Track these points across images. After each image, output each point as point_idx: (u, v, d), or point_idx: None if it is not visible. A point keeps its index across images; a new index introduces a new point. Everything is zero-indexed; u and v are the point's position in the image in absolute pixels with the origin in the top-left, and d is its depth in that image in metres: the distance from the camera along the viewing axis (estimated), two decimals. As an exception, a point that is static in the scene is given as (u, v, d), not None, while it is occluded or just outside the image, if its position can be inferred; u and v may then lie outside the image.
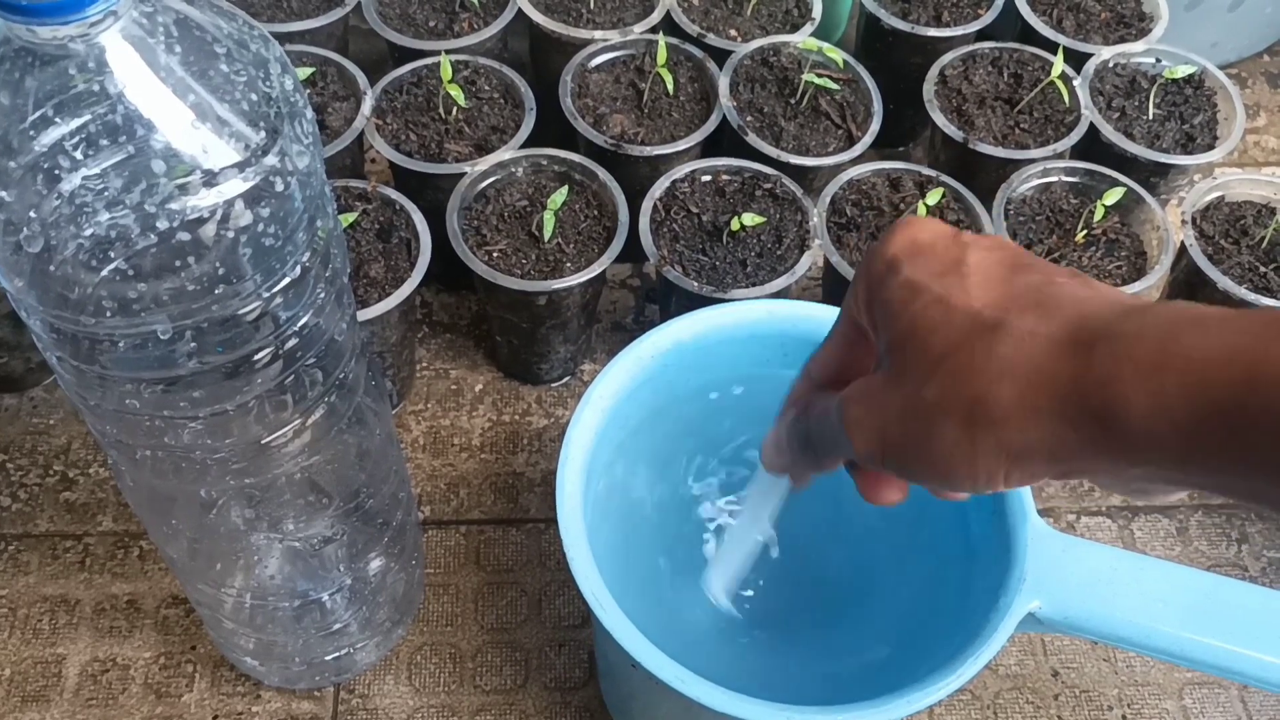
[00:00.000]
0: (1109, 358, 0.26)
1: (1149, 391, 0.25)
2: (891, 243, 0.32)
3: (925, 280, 0.31)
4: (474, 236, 0.64)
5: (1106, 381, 0.26)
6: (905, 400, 0.30)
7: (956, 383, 0.29)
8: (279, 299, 0.36)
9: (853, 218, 0.67)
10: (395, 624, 0.59)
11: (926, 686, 0.42)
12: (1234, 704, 0.60)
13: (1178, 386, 0.25)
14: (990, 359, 0.28)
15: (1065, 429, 0.27)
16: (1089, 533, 0.66)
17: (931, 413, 0.29)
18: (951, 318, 0.29)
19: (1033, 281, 0.29)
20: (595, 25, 0.74)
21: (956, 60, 0.74)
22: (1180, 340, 0.25)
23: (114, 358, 0.35)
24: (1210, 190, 0.68)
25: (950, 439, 0.29)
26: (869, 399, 0.32)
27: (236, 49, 0.33)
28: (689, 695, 0.41)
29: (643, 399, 0.51)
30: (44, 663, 0.59)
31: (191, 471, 0.42)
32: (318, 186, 0.36)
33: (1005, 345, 0.28)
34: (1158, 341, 0.25)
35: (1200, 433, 0.25)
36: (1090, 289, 0.29)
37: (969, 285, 0.30)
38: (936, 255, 0.31)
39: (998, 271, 0.30)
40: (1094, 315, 0.27)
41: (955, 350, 0.29)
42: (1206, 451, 0.25)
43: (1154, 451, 0.26)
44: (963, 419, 0.29)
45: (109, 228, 0.31)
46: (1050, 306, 0.28)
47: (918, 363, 0.30)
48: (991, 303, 0.29)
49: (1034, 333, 0.28)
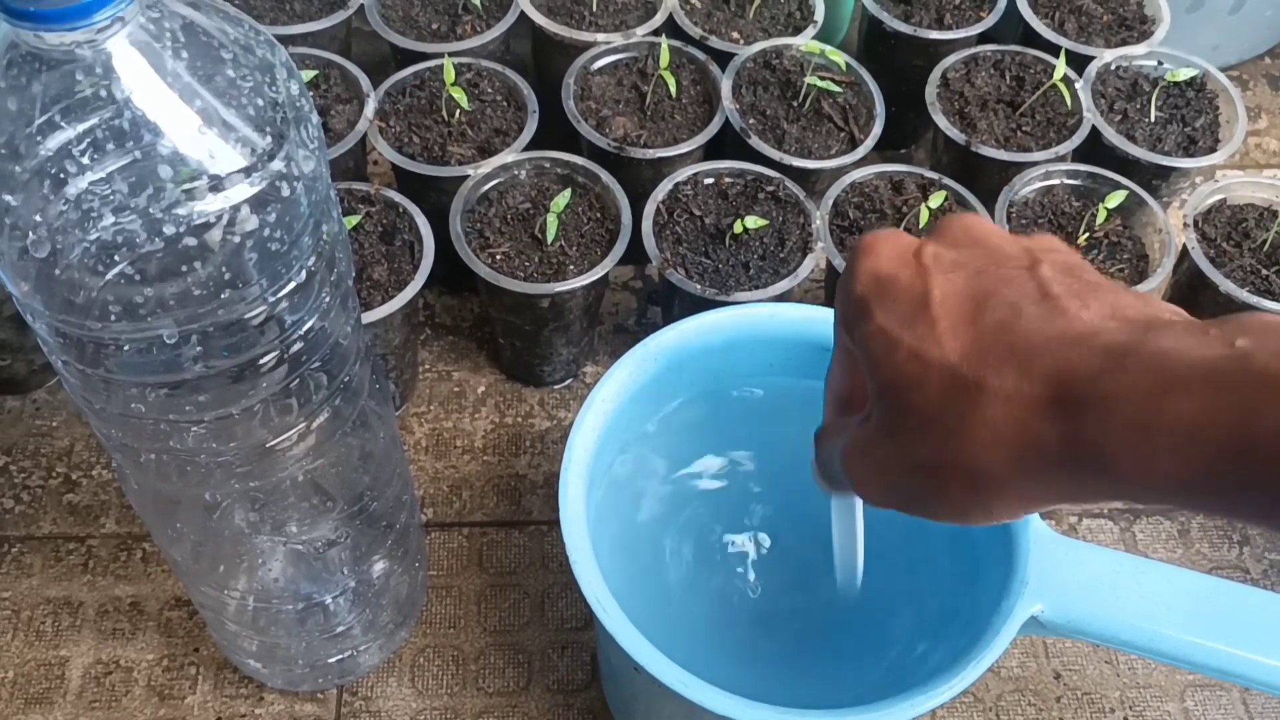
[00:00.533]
0: (1096, 421, 0.26)
1: (1140, 455, 0.25)
2: (857, 280, 0.32)
3: (896, 330, 0.30)
4: (477, 239, 0.64)
5: (1097, 444, 0.26)
6: (903, 458, 0.31)
7: (949, 449, 0.29)
8: (284, 303, 0.36)
9: (855, 220, 0.67)
10: (398, 626, 0.59)
11: (929, 689, 0.42)
12: (1235, 706, 0.60)
13: (1169, 452, 0.25)
14: (981, 426, 0.28)
15: (1066, 481, 0.28)
16: (1091, 535, 0.66)
17: (932, 474, 0.30)
18: (930, 375, 0.29)
19: (1000, 318, 0.29)
20: (598, 28, 0.74)
21: (958, 63, 0.74)
22: (1165, 406, 0.25)
23: (119, 362, 0.35)
24: (1212, 193, 0.69)
25: (958, 495, 0.30)
26: (868, 454, 0.32)
27: (242, 54, 0.33)
28: (691, 699, 0.41)
29: (646, 401, 0.51)
30: (47, 665, 0.59)
31: (196, 475, 0.42)
32: (323, 190, 0.36)
33: (990, 410, 0.28)
34: (1143, 405, 0.25)
35: (1196, 488, 0.25)
36: (1060, 318, 0.28)
37: (939, 333, 0.29)
38: (901, 293, 0.31)
39: (964, 308, 0.30)
40: (1074, 368, 0.27)
41: (941, 414, 0.29)
42: (1205, 501, 0.26)
43: (1154, 498, 0.26)
44: (965, 481, 0.29)
45: (115, 232, 0.31)
46: (1025, 357, 0.28)
47: (906, 421, 0.30)
48: (965, 355, 0.29)
49: (1017, 394, 0.28)
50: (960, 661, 0.42)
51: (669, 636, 0.44)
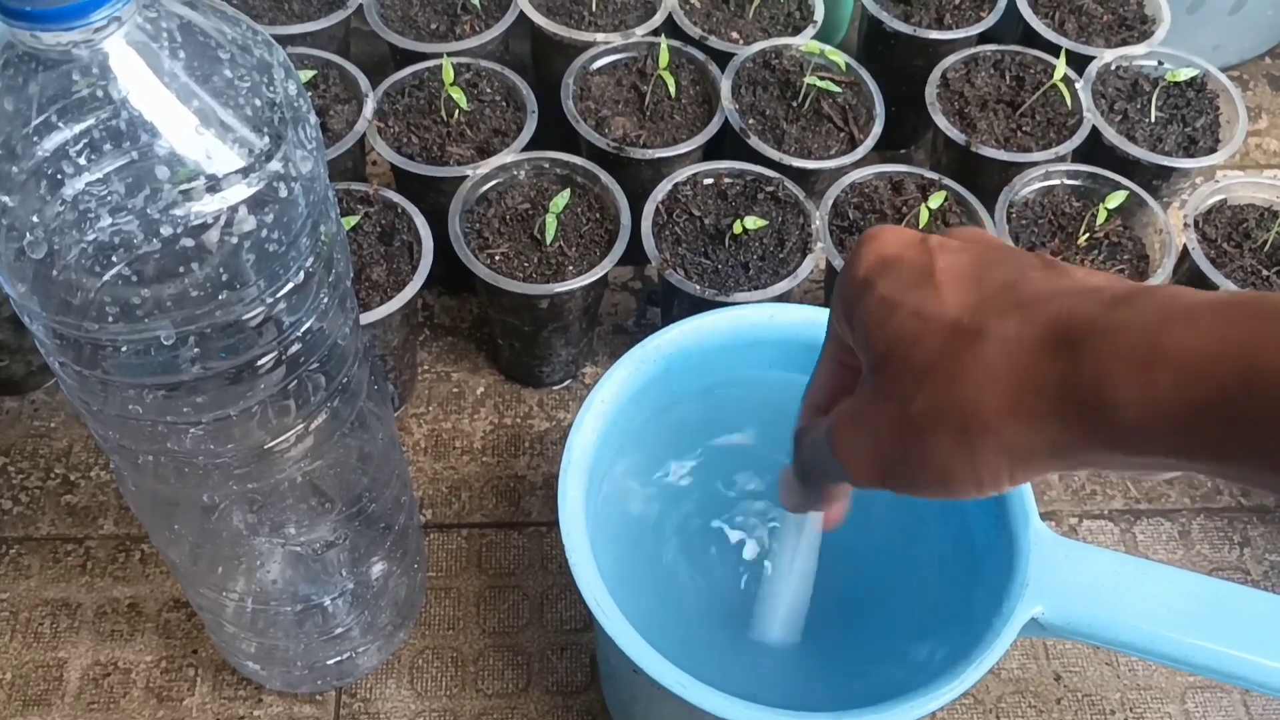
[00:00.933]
0: (1097, 355, 0.25)
1: (1141, 387, 0.25)
2: (861, 261, 0.32)
3: (899, 295, 0.30)
4: (476, 239, 0.64)
5: (1097, 379, 0.25)
6: (895, 417, 0.30)
7: (945, 393, 0.28)
8: (282, 304, 0.36)
9: (855, 221, 0.67)
10: (397, 628, 0.59)
11: (930, 691, 0.42)
12: (1236, 708, 0.60)
13: (1171, 383, 0.24)
14: (977, 366, 0.28)
15: (1061, 428, 0.27)
16: (1091, 536, 0.66)
17: (924, 426, 0.29)
18: (930, 328, 0.29)
19: (1006, 279, 0.29)
20: (597, 28, 0.74)
21: (958, 63, 0.74)
22: (1170, 334, 0.24)
23: (117, 363, 0.35)
24: (1212, 193, 0.68)
25: (947, 450, 0.29)
26: (857, 421, 0.31)
27: (240, 54, 0.33)
28: (691, 701, 0.41)
29: (645, 402, 0.51)
30: (45, 666, 0.59)
31: (194, 476, 0.42)
32: (321, 191, 0.36)
33: (990, 351, 0.27)
34: (1146, 336, 0.25)
35: (1196, 426, 0.24)
36: (1066, 277, 0.28)
37: (943, 293, 0.29)
38: (906, 267, 0.31)
39: (968, 273, 0.30)
40: (1077, 310, 0.27)
41: (939, 361, 0.28)
42: (1204, 443, 0.25)
43: (1152, 443, 0.25)
44: (957, 429, 0.28)
45: (112, 233, 0.31)
46: (1029, 305, 0.28)
47: (902, 378, 0.29)
48: (968, 307, 0.29)
49: (1018, 335, 0.27)
50: (961, 663, 0.42)
51: (668, 638, 0.44)
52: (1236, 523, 0.67)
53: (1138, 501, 0.67)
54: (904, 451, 0.30)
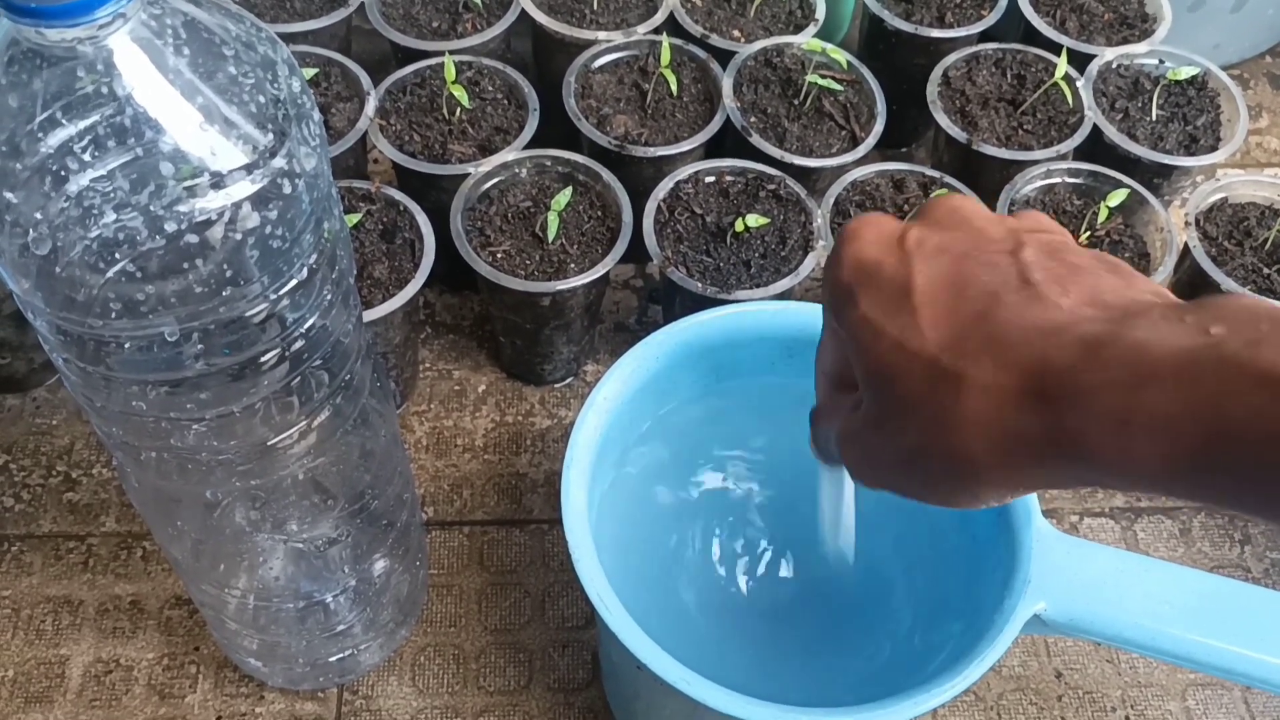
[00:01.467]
0: (1074, 415, 0.27)
1: (1118, 447, 0.26)
2: (841, 265, 0.33)
3: (880, 320, 0.31)
4: (478, 237, 0.64)
5: (1077, 436, 0.27)
6: (892, 447, 0.31)
7: (933, 437, 0.30)
8: (286, 301, 0.36)
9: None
10: (399, 625, 0.59)
11: (931, 688, 0.42)
12: (1237, 705, 0.60)
13: (1145, 441, 0.25)
14: (959, 415, 0.29)
15: (1047, 470, 0.28)
16: (1092, 534, 0.66)
17: (919, 460, 0.31)
18: (912, 366, 0.30)
19: (980, 307, 0.30)
20: (599, 26, 0.74)
21: (960, 61, 0.74)
22: (1141, 398, 0.25)
23: (120, 359, 0.35)
24: (1213, 192, 0.68)
25: (944, 482, 0.30)
26: (859, 442, 0.33)
27: (244, 51, 0.33)
28: (694, 697, 0.41)
29: (646, 400, 0.51)
30: (47, 663, 0.59)
31: (197, 473, 0.42)
32: (324, 188, 0.36)
33: (970, 401, 0.29)
34: (1119, 398, 0.26)
35: (1173, 477, 0.26)
36: (1037, 305, 0.29)
37: (921, 324, 0.30)
38: (885, 281, 0.32)
39: (944, 297, 0.30)
40: (1050, 361, 0.27)
41: (923, 403, 0.30)
42: (1182, 490, 0.26)
43: (1134, 487, 0.27)
44: (950, 468, 0.30)
45: (116, 229, 0.31)
46: (1003, 348, 0.28)
47: (892, 411, 0.31)
48: (945, 345, 0.29)
49: (995, 384, 0.28)
50: (962, 660, 0.42)
51: (671, 634, 0.44)
52: (1237, 520, 0.67)
53: (1139, 499, 0.67)
54: (902, 478, 0.32)
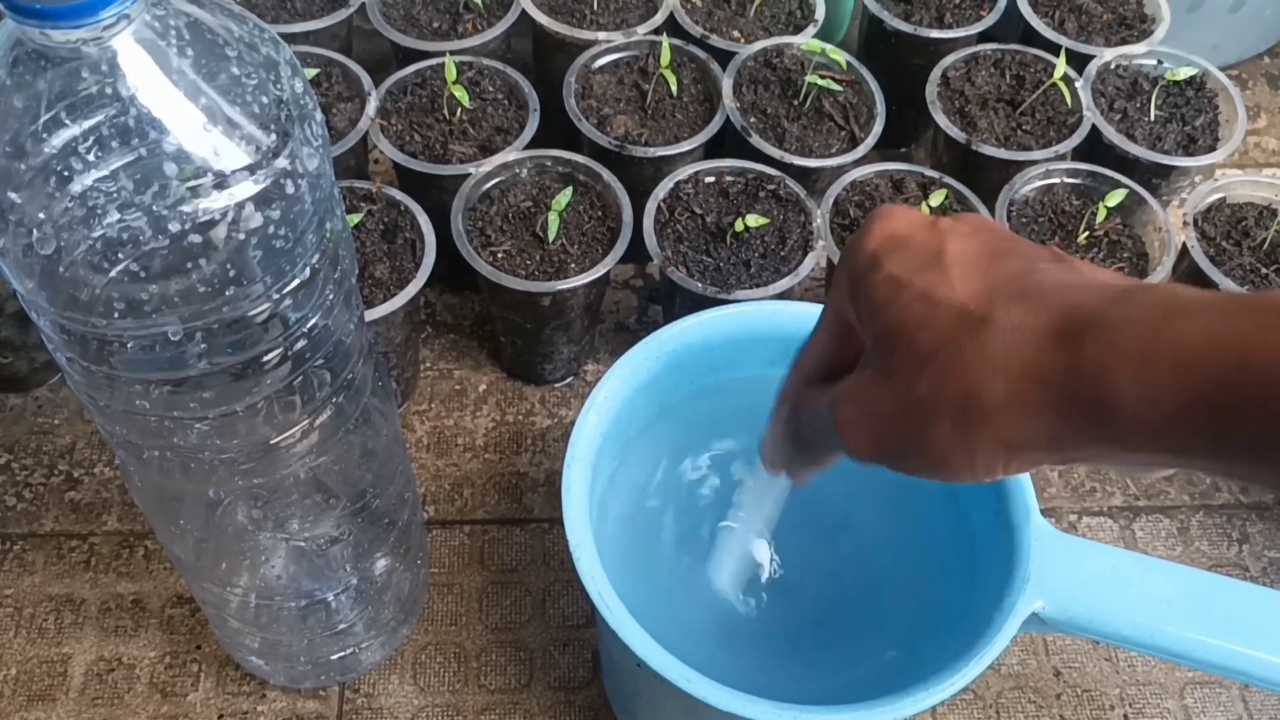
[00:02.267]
0: (1098, 348, 0.26)
1: (1139, 381, 0.25)
2: (870, 237, 0.32)
3: (907, 275, 0.30)
4: (478, 237, 0.64)
5: (1097, 372, 0.26)
6: (897, 398, 0.30)
7: (947, 379, 0.29)
8: (288, 300, 0.36)
9: (856, 219, 0.67)
10: (400, 623, 0.59)
11: (930, 686, 0.42)
12: (1235, 703, 0.60)
13: (1167, 376, 0.25)
14: (980, 354, 0.28)
15: (1059, 420, 0.27)
16: (1090, 533, 0.66)
17: (924, 409, 0.29)
18: (937, 313, 0.29)
19: (1014, 269, 0.29)
20: (599, 26, 0.74)
21: (959, 62, 0.74)
22: (1168, 329, 0.25)
23: (123, 359, 0.35)
24: (1212, 192, 0.69)
25: (945, 434, 0.29)
26: (860, 398, 0.32)
27: (247, 52, 0.33)
28: (694, 694, 0.41)
29: (647, 399, 0.52)
30: (49, 662, 0.59)
31: (199, 471, 0.42)
32: (327, 188, 0.37)
33: (994, 340, 0.28)
34: (1146, 330, 0.25)
35: (1191, 420, 0.25)
36: (1074, 273, 0.29)
37: (951, 278, 0.30)
38: (916, 247, 0.31)
39: (978, 261, 0.30)
40: (1080, 304, 0.27)
41: (943, 346, 0.29)
42: (1198, 438, 0.25)
43: (1147, 438, 0.26)
44: (956, 415, 0.29)
45: (120, 229, 0.31)
46: (1035, 296, 0.28)
47: (906, 359, 0.30)
48: (976, 295, 0.29)
49: (1022, 325, 0.28)
50: (961, 658, 0.42)
51: (671, 632, 0.44)
52: (1235, 519, 0.67)
53: (1137, 498, 0.68)
54: (904, 433, 0.30)
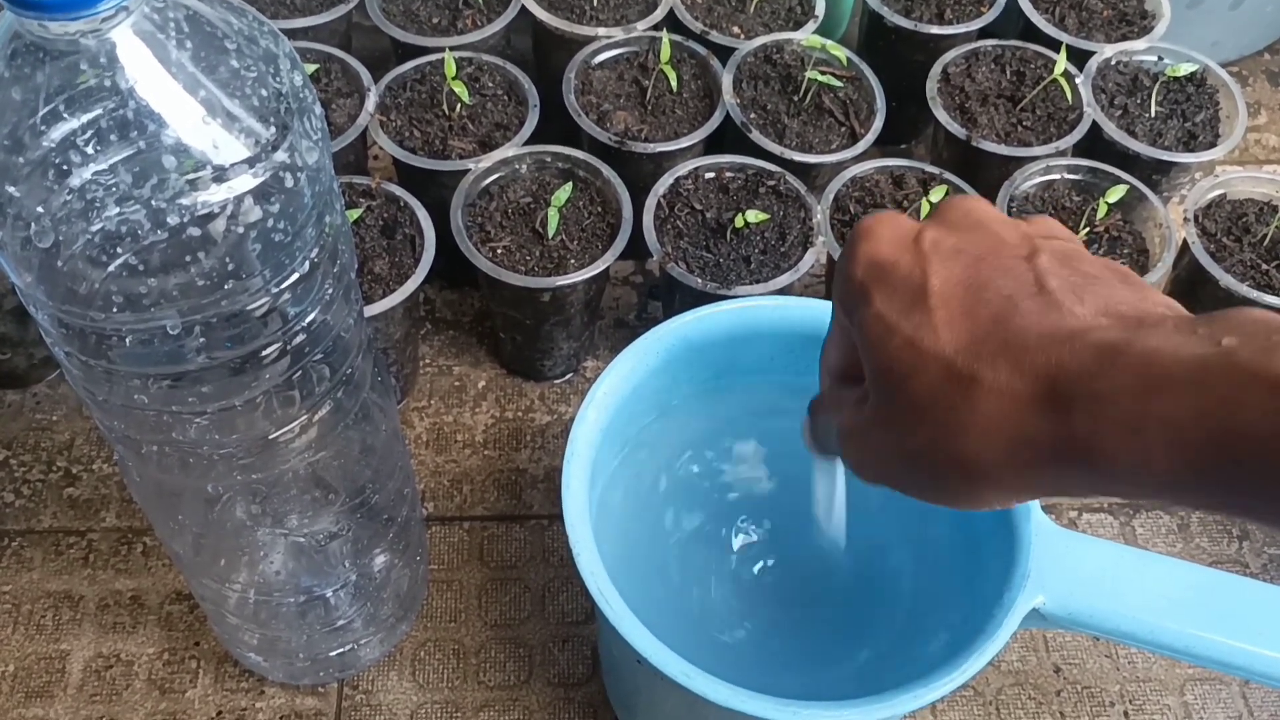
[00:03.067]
0: (1087, 420, 0.27)
1: (1129, 451, 0.26)
2: (855, 262, 0.33)
3: (894, 317, 0.31)
4: (478, 233, 0.64)
5: (1088, 439, 0.27)
6: (898, 446, 0.31)
7: (942, 439, 0.30)
8: (287, 294, 0.36)
9: (856, 214, 0.67)
10: (399, 620, 0.59)
11: (931, 682, 0.42)
12: (1235, 700, 0.60)
13: (1157, 448, 0.26)
14: (972, 418, 0.29)
15: (1057, 475, 0.28)
16: (1090, 529, 0.66)
17: (925, 461, 0.31)
18: (925, 365, 0.30)
19: (996, 309, 0.30)
20: (599, 22, 0.74)
21: (959, 58, 0.74)
22: (1152, 404, 0.26)
23: (122, 353, 0.35)
24: (1212, 188, 0.69)
25: (950, 484, 0.30)
26: (864, 439, 0.33)
27: (246, 45, 0.33)
28: (694, 690, 0.41)
29: (647, 395, 0.52)
30: (47, 658, 0.59)
31: (198, 466, 0.42)
32: (326, 182, 0.36)
33: (983, 403, 0.29)
34: (1131, 404, 0.26)
35: (1184, 482, 0.26)
36: (1054, 312, 0.29)
37: (935, 323, 0.30)
38: (900, 281, 0.31)
39: (961, 299, 0.30)
40: (1064, 366, 0.28)
41: (934, 404, 0.30)
42: (1193, 493, 0.26)
43: (1144, 491, 0.27)
44: (957, 470, 0.30)
45: (119, 223, 0.31)
46: (1018, 352, 0.28)
47: (901, 409, 0.31)
48: (960, 347, 0.29)
49: (1010, 388, 0.28)
50: (962, 654, 0.42)
51: (671, 628, 0.44)
52: (1226, 516, 0.67)
53: (1137, 495, 0.67)
54: (909, 478, 0.32)
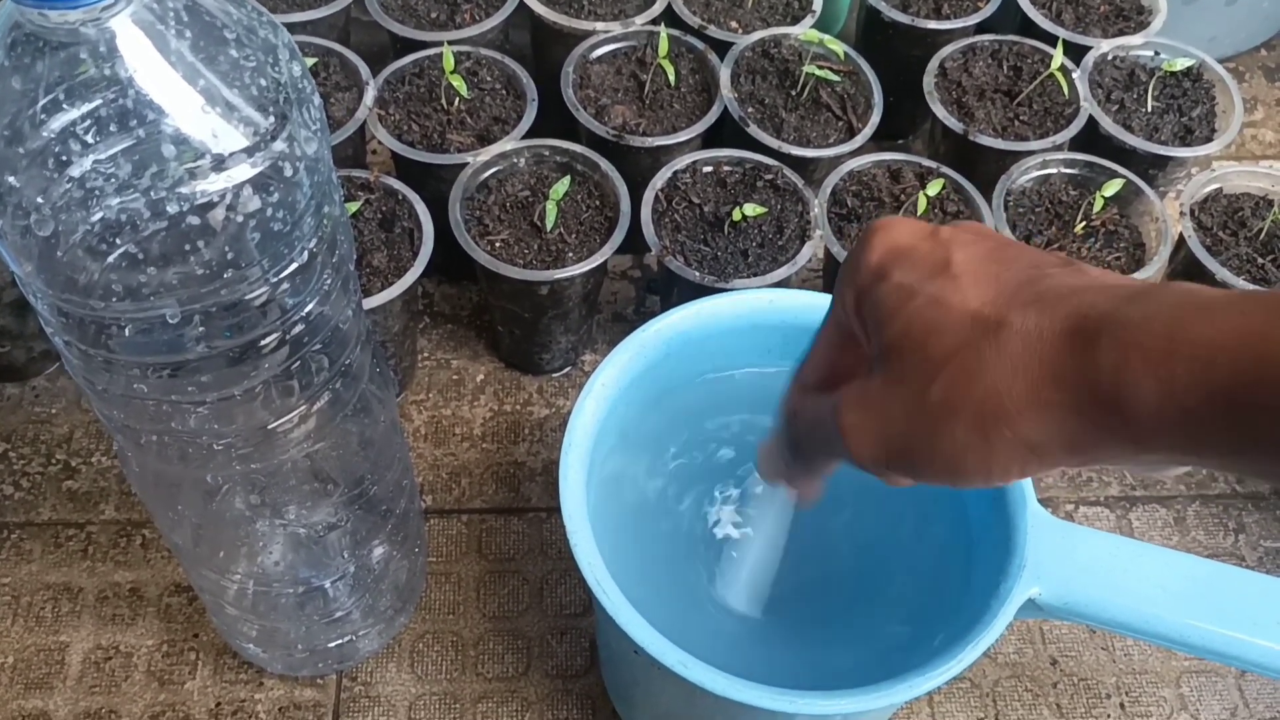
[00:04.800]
0: (1116, 347, 0.26)
1: (1158, 379, 0.25)
2: (873, 249, 0.32)
3: (916, 283, 0.30)
4: (476, 226, 0.64)
5: (1115, 371, 0.26)
6: (908, 403, 0.30)
7: (964, 383, 0.29)
8: (286, 285, 0.36)
9: (853, 209, 0.67)
10: (398, 612, 0.59)
11: (927, 671, 0.42)
12: (1230, 692, 0.60)
13: (1187, 373, 0.25)
14: (997, 357, 0.28)
15: (1078, 420, 0.27)
16: (1087, 522, 0.66)
17: (939, 414, 0.29)
18: (950, 318, 0.29)
19: (1024, 275, 0.29)
20: (596, 16, 0.74)
21: (956, 52, 0.74)
22: (1187, 327, 0.25)
23: (122, 342, 0.35)
24: (1208, 182, 0.69)
25: (961, 437, 0.29)
26: (866, 404, 0.32)
27: (245, 35, 0.34)
28: (692, 680, 0.41)
29: (645, 387, 0.52)
30: (47, 650, 0.59)
31: (197, 457, 0.42)
32: (325, 173, 0.37)
33: (1010, 342, 0.28)
34: (1164, 328, 0.25)
35: (1210, 417, 0.25)
36: (1084, 276, 0.29)
37: (962, 285, 0.30)
38: (921, 258, 0.31)
39: (987, 268, 0.30)
40: (1096, 305, 0.27)
41: (959, 351, 0.29)
42: (1217, 435, 0.25)
43: (1166, 437, 0.26)
44: (974, 418, 0.29)
45: (118, 212, 0.31)
46: (1050, 300, 0.28)
47: (919, 365, 0.30)
48: (989, 301, 0.29)
49: (1039, 328, 0.28)
50: (958, 644, 0.43)
51: (668, 619, 0.44)
52: (1231, 509, 0.67)
53: (1133, 488, 0.68)
54: (914, 438, 0.30)
